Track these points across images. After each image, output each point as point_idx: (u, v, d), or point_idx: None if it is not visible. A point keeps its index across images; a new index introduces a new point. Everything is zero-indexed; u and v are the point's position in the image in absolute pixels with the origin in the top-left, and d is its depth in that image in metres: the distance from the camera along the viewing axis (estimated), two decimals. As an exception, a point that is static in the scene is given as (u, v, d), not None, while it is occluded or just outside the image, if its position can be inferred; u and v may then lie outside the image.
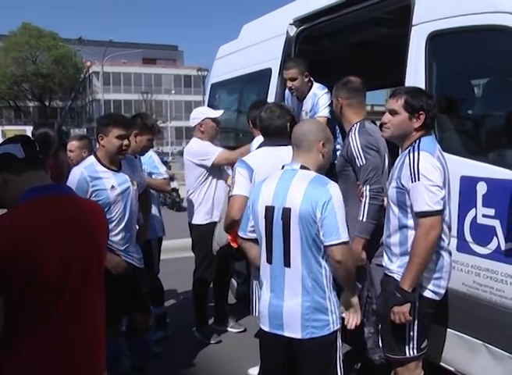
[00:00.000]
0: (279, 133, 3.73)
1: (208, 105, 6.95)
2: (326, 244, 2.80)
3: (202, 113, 5.31)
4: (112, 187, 3.86)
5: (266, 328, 2.97)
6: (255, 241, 3.08)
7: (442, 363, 3.64)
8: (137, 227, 4.28)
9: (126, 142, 3.90)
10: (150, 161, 5.20)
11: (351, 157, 3.69)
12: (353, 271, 2.96)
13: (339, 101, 3.93)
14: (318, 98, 4.74)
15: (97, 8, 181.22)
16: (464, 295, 3.41)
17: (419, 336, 3.15)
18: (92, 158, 3.96)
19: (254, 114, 4.62)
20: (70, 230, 2.14)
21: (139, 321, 4.27)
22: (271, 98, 5.42)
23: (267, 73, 5.56)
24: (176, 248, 7.74)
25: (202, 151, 5.14)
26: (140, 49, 65.36)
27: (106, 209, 3.81)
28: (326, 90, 4.79)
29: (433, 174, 2.96)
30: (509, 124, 3.31)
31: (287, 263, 2.86)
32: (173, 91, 68.30)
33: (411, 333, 3.14)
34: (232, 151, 5.10)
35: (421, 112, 3.08)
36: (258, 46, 5.95)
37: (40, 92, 63.31)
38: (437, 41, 3.68)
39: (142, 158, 4.87)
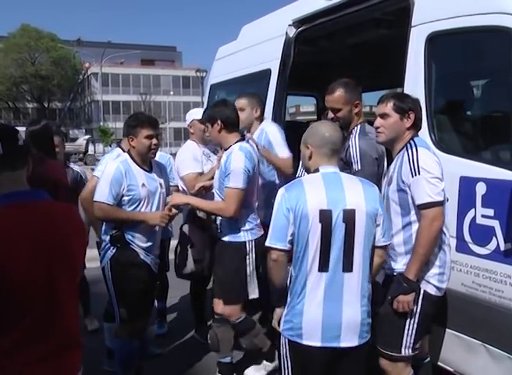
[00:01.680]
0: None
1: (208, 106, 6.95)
2: (384, 244, 2.91)
3: (190, 115, 5.24)
4: (143, 184, 3.99)
5: (316, 343, 2.77)
6: (288, 254, 2.87)
7: (440, 363, 3.65)
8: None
9: (155, 141, 4.02)
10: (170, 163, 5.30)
11: (349, 160, 3.73)
12: None
13: (357, 105, 3.93)
14: (267, 133, 4.63)
15: (96, 10, 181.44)
16: (463, 296, 3.41)
17: (417, 335, 3.20)
18: (126, 155, 4.08)
19: (225, 112, 4.11)
20: (39, 235, 2.09)
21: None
22: (270, 98, 5.43)
23: (266, 73, 5.56)
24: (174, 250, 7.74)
25: (178, 165, 5.00)
26: (139, 50, 65.47)
27: (135, 205, 3.98)
28: (278, 127, 4.74)
29: (433, 167, 3.07)
30: (508, 125, 3.31)
31: (349, 268, 2.76)
32: (172, 92, 68.35)
33: (410, 332, 3.19)
34: (200, 176, 4.73)
35: (410, 112, 3.23)
36: (258, 47, 5.95)
37: (39, 93, 63.44)
38: (436, 42, 3.68)
39: (161, 160, 4.78)
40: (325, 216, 2.74)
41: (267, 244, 2.88)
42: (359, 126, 3.87)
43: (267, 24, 6.14)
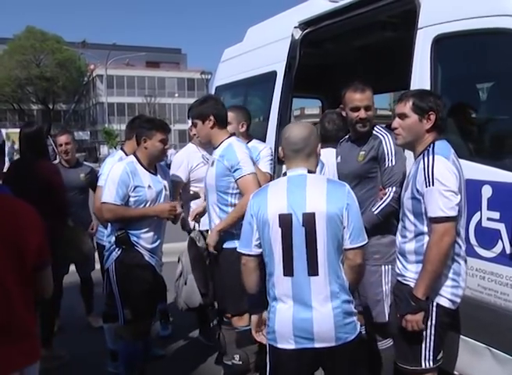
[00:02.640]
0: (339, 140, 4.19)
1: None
2: (352, 246, 2.78)
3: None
4: (149, 186, 4.04)
5: (290, 345, 2.76)
6: (257, 259, 2.93)
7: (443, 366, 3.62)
8: None
9: (167, 146, 4.11)
10: None
11: (381, 157, 3.72)
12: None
13: (373, 104, 3.94)
14: (260, 151, 4.61)
15: (101, 12, 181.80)
16: (469, 299, 3.38)
17: (435, 346, 3.09)
18: (132, 157, 4.12)
19: (217, 107, 4.00)
20: None
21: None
22: (276, 101, 5.42)
23: (272, 75, 5.55)
24: (173, 252, 7.74)
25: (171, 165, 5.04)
26: (144, 52, 65.58)
27: (142, 206, 4.02)
28: (268, 146, 4.71)
29: (448, 179, 2.90)
30: (514, 127, 3.32)
31: (314, 271, 2.72)
32: (177, 94, 68.50)
33: (428, 344, 3.07)
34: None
35: (430, 113, 3.07)
36: (263, 49, 5.95)
37: (44, 95, 63.60)
38: (443, 44, 3.67)
39: None
40: (285, 221, 2.74)
41: (237, 249, 3.03)
42: (379, 126, 3.90)
43: (273, 26, 6.14)
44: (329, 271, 2.74)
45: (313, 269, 2.72)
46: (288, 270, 2.75)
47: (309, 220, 2.71)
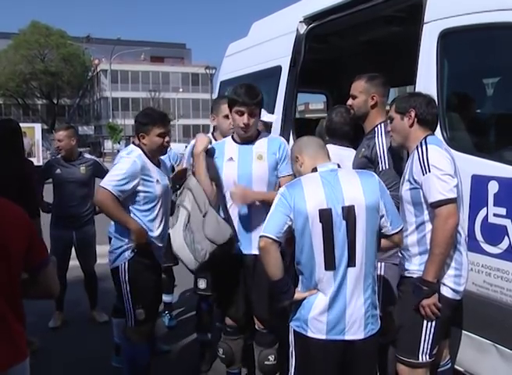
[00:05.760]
0: (345, 136, 4.19)
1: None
2: (395, 231, 2.89)
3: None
4: (157, 181, 3.90)
5: (321, 336, 2.79)
6: (278, 244, 2.86)
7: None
8: None
9: (166, 139, 3.94)
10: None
11: (375, 159, 3.68)
12: None
13: (373, 98, 3.81)
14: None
15: (105, 7, 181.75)
16: (474, 295, 3.39)
17: (433, 340, 3.14)
18: (139, 150, 3.93)
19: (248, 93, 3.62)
20: None
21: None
22: (280, 96, 5.41)
23: (277, 70, 5.54)
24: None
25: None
26: (148, 47, 65.68)
27: (154, 203, 3.89)
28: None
29: (443, 164, 3.02)
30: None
31: (352, 263, 2.76)
32: (181, 89, 68.55)
33: (427, 337, 3.13)
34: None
35: (410, 110, 3.20)
36: (268, 44, 5.94)
37: (48, 90, 63.79)
38: (449, 39, 3.65)
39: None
40: (325, 216, 2.76)
41: (262, 232, 2.88)
42: (382, 125, 3.76)
43: (278, 21, 6.13)
44: (366, 262, 2.79)
45: (352, 261, 2.77)
46: (329, 264, 2.77)
47: (349, 214, 2.77)
